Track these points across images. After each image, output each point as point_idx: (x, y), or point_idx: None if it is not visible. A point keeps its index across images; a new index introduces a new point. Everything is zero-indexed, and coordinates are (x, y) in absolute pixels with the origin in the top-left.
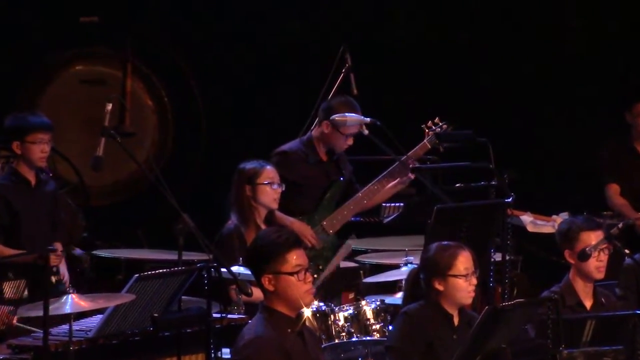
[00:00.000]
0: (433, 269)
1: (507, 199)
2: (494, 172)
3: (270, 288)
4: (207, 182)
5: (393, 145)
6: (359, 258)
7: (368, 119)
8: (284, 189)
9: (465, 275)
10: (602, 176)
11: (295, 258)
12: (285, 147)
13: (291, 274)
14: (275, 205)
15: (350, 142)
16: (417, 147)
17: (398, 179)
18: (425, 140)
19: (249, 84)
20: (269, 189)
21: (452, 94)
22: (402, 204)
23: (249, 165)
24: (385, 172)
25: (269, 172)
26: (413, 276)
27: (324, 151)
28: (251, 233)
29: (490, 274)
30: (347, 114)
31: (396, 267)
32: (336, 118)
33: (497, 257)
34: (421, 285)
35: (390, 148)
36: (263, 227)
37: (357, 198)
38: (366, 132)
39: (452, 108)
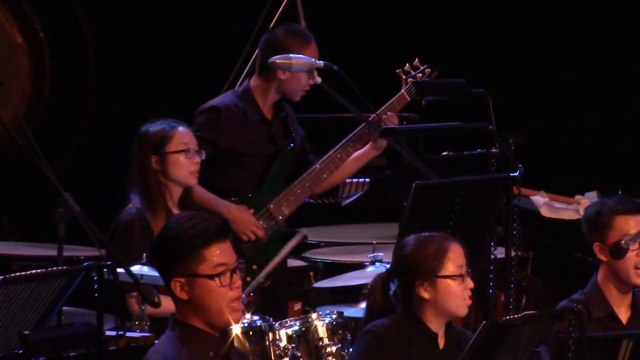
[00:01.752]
0: (416, 270)
1: (513, 172)
2: (495, 135)
3: (184, 296)
4: (97, 150)
5: (357, 99)
6: (308, 254)
7: (321, 62)
8: (204, 157)
9: (461, 276)
10: None
11: (218, 255)
12: (214, 101)
13: (211, 276)
14: (193, 180)
15: (307, 87)
16: (391, 100)
17: (367, 146)
18: (402, 91)
19: (159, 11)
20: (184, 159)
21: (439, 28)
22: (367, 180)
23: (155, 127)
24: (349, 136)
25: (183, 134)
26: (382, 280)
27: (268, 106)
28: (160, 220)
29: (489, 276)
30: (292, 55)
31: (359, 267)
32: (277, 60)
33: (499, 253)
34: (392, 293)
35: (353, 103)
36: (176, 212)
37: (313, 172)
38: (318, 79)
39: (439, 48)
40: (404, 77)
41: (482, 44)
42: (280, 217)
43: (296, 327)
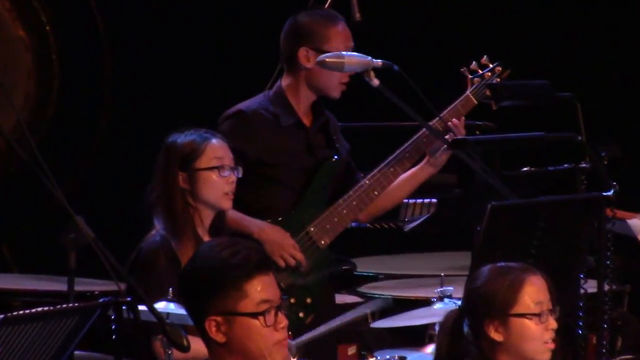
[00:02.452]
0: (485, 307)
1: (606, 191)
2: (585, 147)
3: (220, 338)
4: (114, 165)
5: (418, 103)
6: (364, 288)
7: (379, 61)
8: (241, 174)
9: (539, 315)
10: None
11: (260, 290)
12: (242, 105)
13: (254, 314)
14: (227, 204)
15: (346, 79)
16: (455, 102)
17: (427, 159)
18: (467, 92)
19: (181, 10)
20: (217, 177)
21: (512, 18)
22: (433, 201)
23: (184, 138)
24: (405, 146)
25: (216, 148)
26: (453, 319)
27: (305, 108)
28: (188, 250)
29: (578, 314)
30: (344, 53)
31: (425, 303)
32: (327, 59)
33: (591, 286)
34: (466, 334)
35: (413, 108)
36: (207, 239)
37: (362, 188)
38: (375, 82)
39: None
40: (469, 77)
41: (565, 37)
42: (323, 242)
43: None
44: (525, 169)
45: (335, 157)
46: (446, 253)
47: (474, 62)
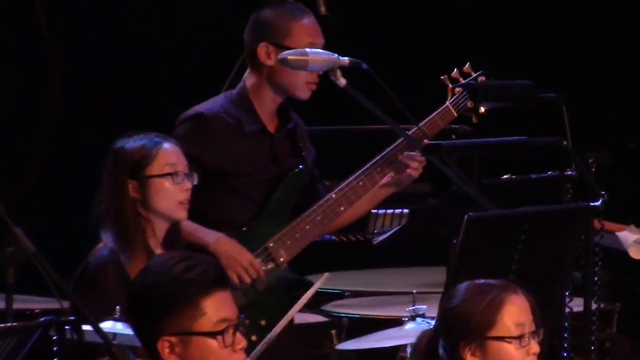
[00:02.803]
0: (461, 328)
1: (594, 201)
2: (571, 153)
3: None
4: (59, 172)
5: (392, 108)
6: (329, 307)
7: (346, 59)
8: (196, 181)
9: (519, 338)
10: None
11: (218, 307)
12: (202, 107)
13: (212, 334)
14: (182, 214)
15: (313, 79)
16: (433, 114)
17: (402, 169)
18: (447, 103)
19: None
20: (170, 185)
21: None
22: (405, 211)
23: (133, 143)
24: (377, 159)
25: (169, 153)
26: (427, 341)
27: (269, 113)
28: (139, 263)
29: (563, 335)
30: (308, 50)
31: (395, 323)
32: (288, 57)
33: (577, 305)
34: (441, 357)
35: (386, 113)
36: (159, 252)
37: (327, 203)
38: (342, 81)
39: (496, 48)
40: (450, 86)
41: (550, 34)
42: (282, 259)
43: None
44: (505, 176)
45: (300, 166)
46: (419, 268)
47: (455, 70)
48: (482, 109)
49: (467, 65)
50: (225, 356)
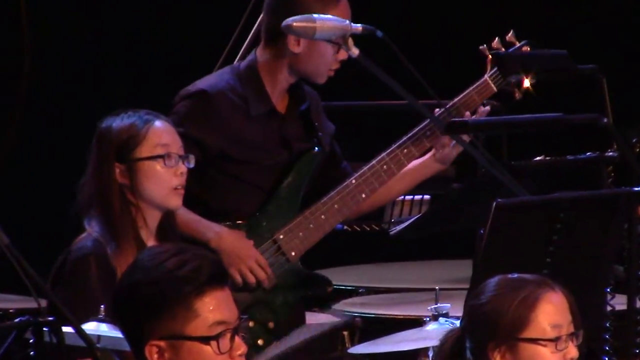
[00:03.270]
0: (490, 328)
1: (638, 186)
2: (612, 132)
3: None
4: (35, 156)
5: (417, 84)
6: (341, 305)
7: (359, 26)
8: (193, 164)
9: (555, 340)
10: None
11: (214, 308)
12: (203, 82)
13: (206, 339)
14: (176, 201)
15: (337, 66)
16: (470, 88)
17: (433, 152)
18: (486, 76)
19: None
20: (162, 168)
21: None
22: (426, 197)
23: (121, 122)
24: (404, 139)
25: (161, 132)
26: (453, 342)
27: (281, 92)
28: (127, 257)
29: (604, 336)
30: (316, 16)
31: (415, 323)
32: (294, 23)
33: (619, 303)
34: None
35: (410, 90)
36: (152, 244)
37: (347, 190)
38: (355, 51)
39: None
40: (489, 57)
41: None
42: (294, 254)
43: None
44: (538, 158)
45: (316, 148)
46: (441, 262)
47: (496, 39)
48: (527, 84)
49: (510, 34)
50: None
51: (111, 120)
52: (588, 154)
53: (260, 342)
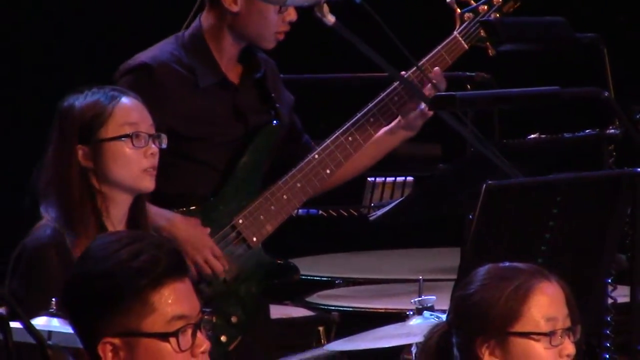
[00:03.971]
0: (479, 321)
1: None
2: (614, 108)
3: None
4: None
5: (388, 47)
6: (315, 298)
7: None
8: (165, 144)
9: (549, 335)
10: None
11: (172, 302)
12: (146, 55)
13: (164, 335)
14: (148, 184)
15: (285, 28)
16: (440, 45)
17: (398, 119)
18: (455, 32)
19: None
20: (131, 150)
21: None
22: (410, 179)
23: (83, 100)
24: (369, 107)
25: (129, 110)
26: (437, 339)
27: (230, 59)
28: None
29: (604, 331)
30: None
31: (398, 318)
32: None
33: (621, 295)
34: (455, 357)
35: (381, 54)
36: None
37: (309, 165)
38: (330, 19)
39: None
40: (458, 11)
41: None
42: (255, 239)
43: None
44: (533, 136)
45: (274, 122)
46: (426, 250)
47: None
48: (490, 52)
49: None
50: None
51: (73, 98)
52: (588, 131)
53: (223, 338)
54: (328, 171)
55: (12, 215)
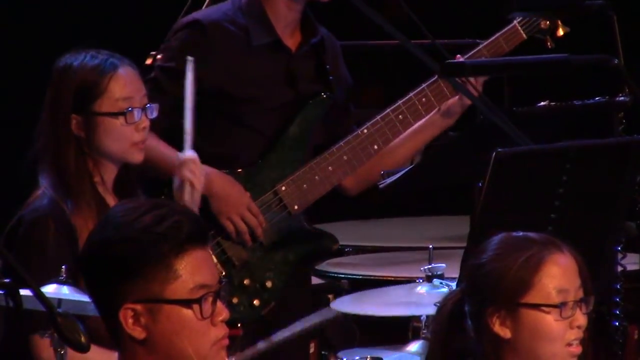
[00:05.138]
0: (490, 291)
1: None
2: (623, 74)
3: (138, 334)
4: None
5: (441, 29)
6: (326, 265)
7: None
8: (156, 113)
9: (559, 306)
10: None
11: (194, 270)
12: (200, 13)
13: (187, 302)
14: (137, 156)
15: None
16: (499, 33)
17: (448, 103)
18: (515, 21)
19: None
20: (123, 125)
21: None
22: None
23: (82, 61)
24: (424, 85)
25: (123, 84)
26: (451, 307)
27: (288, 23)
28: (86, 215)
29: (614, 299)
30: None
31: (407, 285)
32: None
33: (631, 262)
34: (466, 328)
35: (433, 34)
36: (111, 201)
37: (357, 140)
38: None
39: None
40: None
41: None
42: (296, 207)
43: None
44: (542, 103)
45: (324, 94)
46: (436, 218)
47: None
48: (562, 31)
49: None
50: (203, 330)
51: (71, 59)
52: (597, 98)
53: (256, 302)
54: (375, 147)
55: (7, 180)
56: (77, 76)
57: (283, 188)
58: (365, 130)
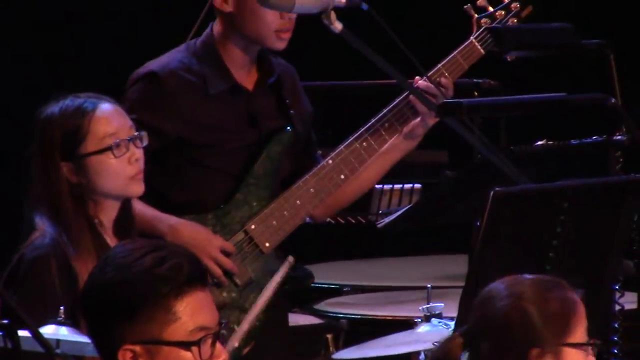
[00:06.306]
0: (527, 334)
1: None
2: (621, 113)
3: None
4: None
5: (398, 54)
6: (324, 305)
7: None
8: (146, 142)
9: (587, 344)
10: None
11: (193, 312)
12: (155, 63)
13: (186, 344)
14: (137, 189)
15: (286, 26)
16: (456, 50)
17: (410, 125)
18: (471, 38)
19: None
20: (114, 160)
21: None
22: (417, 186)
23: (60, 115)
24: (383, 112)
25: (106, 121)
26: (454, 350)
27: (245, 64)
28: (86, 255)
29: (612, 338)
30: None
31: (406, 325)
32: None
33: (629, 302)
34: None
35: (392, 62)
36: (112, 242)
37: (323, 170)
38: (338, 26)
39: None
40: (475, 16)
41: None
42: (268, 245)
43: None
44: (540, 143)
45: (288, 128)
46: (434, 257)
47: None
48: (508, 57)
49: None
50: None
51: (51, 110)
52: (594, 138)
53: (236, 344)
54: (342, 177)
55: (6, 223)
56: (59, 125)
57: (253, 227)
58: (330, 161)
